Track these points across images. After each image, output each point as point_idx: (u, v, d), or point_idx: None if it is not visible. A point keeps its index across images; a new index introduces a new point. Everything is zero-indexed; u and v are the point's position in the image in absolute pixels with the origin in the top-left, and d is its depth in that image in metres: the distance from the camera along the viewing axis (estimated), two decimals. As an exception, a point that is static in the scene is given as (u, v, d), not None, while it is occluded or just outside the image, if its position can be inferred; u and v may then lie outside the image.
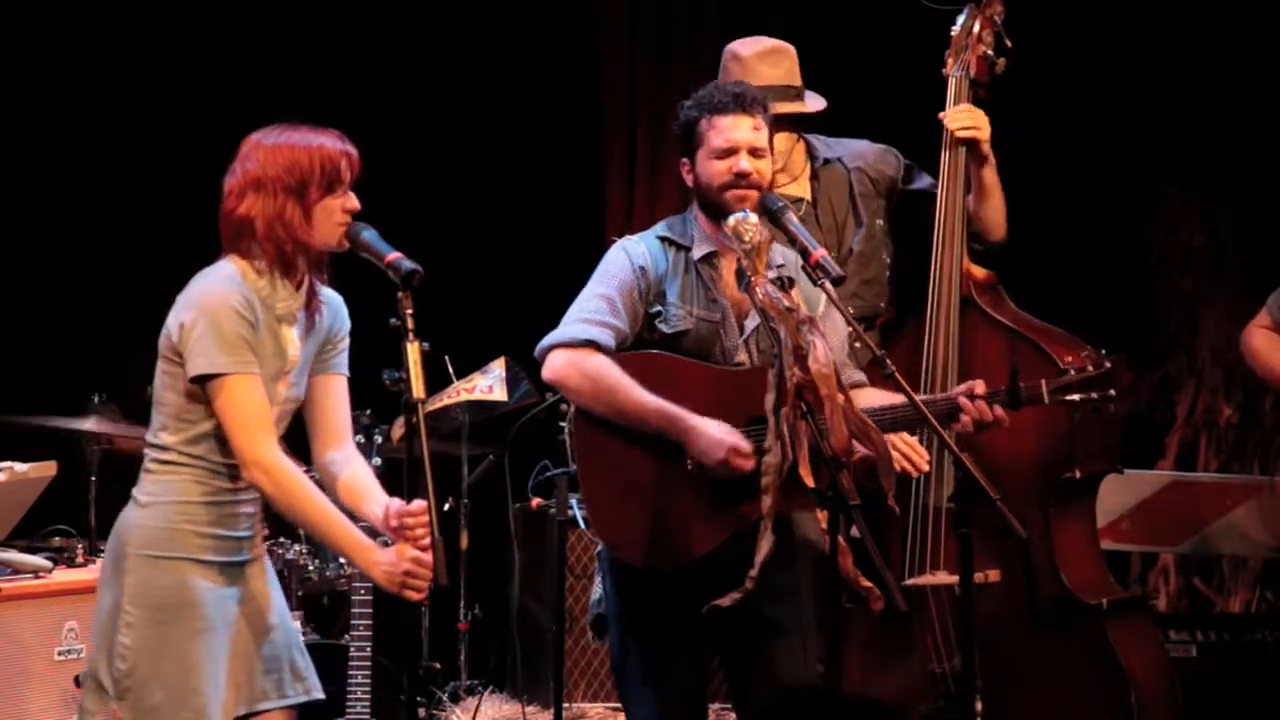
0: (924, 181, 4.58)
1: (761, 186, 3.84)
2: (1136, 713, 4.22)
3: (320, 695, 3.61)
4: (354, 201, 3.48)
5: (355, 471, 3.56)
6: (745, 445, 3.69)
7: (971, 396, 3.81)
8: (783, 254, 3.92)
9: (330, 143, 3.47)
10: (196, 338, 3.36)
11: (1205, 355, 6.89)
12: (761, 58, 4.47)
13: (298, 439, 3.60)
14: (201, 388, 3.39)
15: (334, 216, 3.46)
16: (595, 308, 3.87)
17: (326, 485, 3.56)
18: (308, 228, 3.44)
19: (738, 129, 3.83)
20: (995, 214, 4.50)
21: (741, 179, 3.81)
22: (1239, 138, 6.64)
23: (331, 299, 3.60)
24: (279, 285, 3.47)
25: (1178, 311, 7.00)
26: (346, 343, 3.64)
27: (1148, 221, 7.01)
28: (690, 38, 7.17)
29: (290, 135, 3.47)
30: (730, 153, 3.83)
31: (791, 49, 4.53)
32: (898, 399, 3.81)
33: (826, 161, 4.57)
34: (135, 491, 3.49)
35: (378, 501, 3.47)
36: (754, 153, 3.83)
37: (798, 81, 4.50)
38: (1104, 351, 4.03)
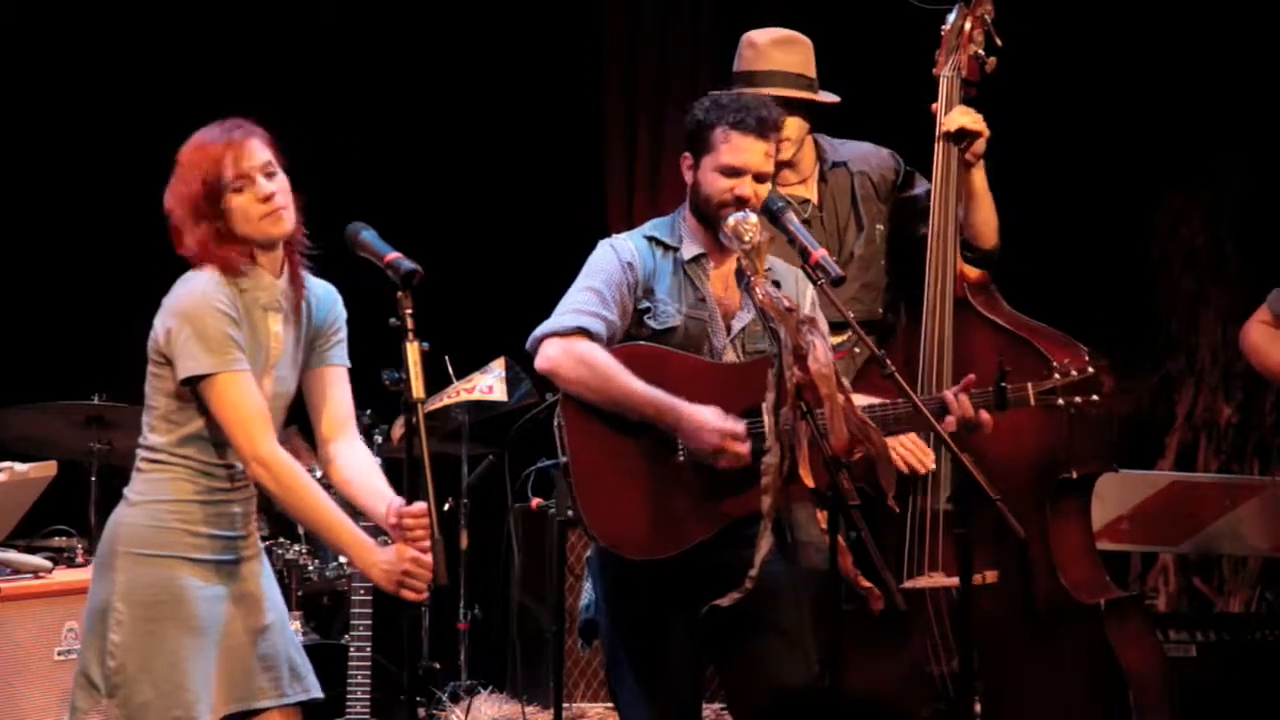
0: (921, 188, 4.56)
1: (756, 210, 3.82)
2: (1134, 713, 4.22)
3: (319, 695, 3.60)
4: (265, 188, 3.40)
5: (360, 465, 3.55)
6: (739, 428, 3.69)
7: (958, 393, 3.82)
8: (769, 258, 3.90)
9: (211, 139, 3.43)
10: (183, 341, 3.36)
11: (1205, 355, 6.89)
12: (776, 44, 4.46)
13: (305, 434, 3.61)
14: (193, 389, 3.39)
15: (252, 211, 3.41)
16: (585, 299, 3.86)
17: (331, 478, 3.56)
18: (234, 236, 3.41)
19: (751, 152, 3.81)
20: (986, 220, 4.48)
21: (741, 203, 3.79)
22: (1240, 138, 6.65)
23: (323, 291, 3.59)
24: (258, 275, 3.45)
25: (1178, 311, 7.00)
26: (343, 333, 3.62)
27: (1149, 221, 7.01)
28: (690, 38, 7.17)
29: (182, 155, 3.46)
30: (738, 174, 3.81)
31: (808, 41, 4.51)
32: (886, 400, 3.81)
33: (834, 165, 4.57)
34: (126, 490, 3.49)
35: (381, 498, 3.46)
36: (759, 178, 3.83)
37: (812, 72, 4.49)
38: (1089, 357, 4.03)
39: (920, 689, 4.35)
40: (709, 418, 3.71)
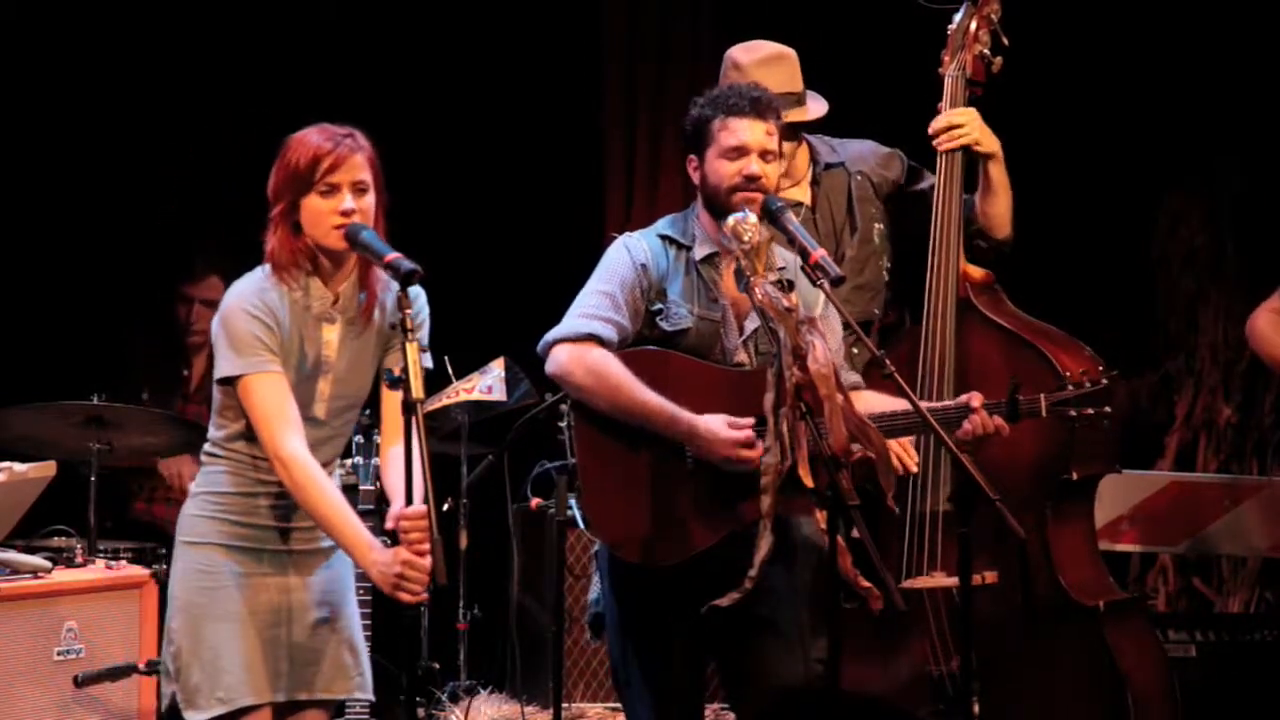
0: (928, 183, 4.56)
1: (769, 191, 3.84)
2: (1134, 714, 4.22)
3: (367, 696, 3.69)
4: (347, 204, 3.48)
5: (396, 471, 3.57)
6: (749, 435, 3.69)
7: (972, 408, 3.81)
8: (784, 255, 3.92)
9: (316, 140, 3.49)
10: (219, 344, 3.49)
11: (1205, 355, 6.89)
12: (761, 65, 4.45)
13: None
14: (230, 389, 3.49)
15: (324, 219, 3.48)
16: (597, 304, 3.87)
17: (383, 480, 3.66)
18: (293, 230, 3.49)
19: (751, 131, 3.83)
20: (1001, 212, 4.48)
21: (751, 182, 3.81)
22: (1240, 138, 6.65)
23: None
24: (313, 285, 3.52)
25: (1177, 311, 7.00)
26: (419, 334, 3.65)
27: (1148, 221, 7.01)
28: (690, 38, 7.17)
29: (287, 145, 3.51)
30: (741, 154, 3.82)
31: (792, 53, 4.50)
32: (896, 403, 3.81)
33: (829, 166, 4.56)
34: (191, 484, 3.66)
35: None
36: (764, 156, 3.84)
37: (799, 87, 4.48)
38: (1102, 367, 4.03)
39: (920, 689, 4.35)
40: (719, 429, 3.71)
